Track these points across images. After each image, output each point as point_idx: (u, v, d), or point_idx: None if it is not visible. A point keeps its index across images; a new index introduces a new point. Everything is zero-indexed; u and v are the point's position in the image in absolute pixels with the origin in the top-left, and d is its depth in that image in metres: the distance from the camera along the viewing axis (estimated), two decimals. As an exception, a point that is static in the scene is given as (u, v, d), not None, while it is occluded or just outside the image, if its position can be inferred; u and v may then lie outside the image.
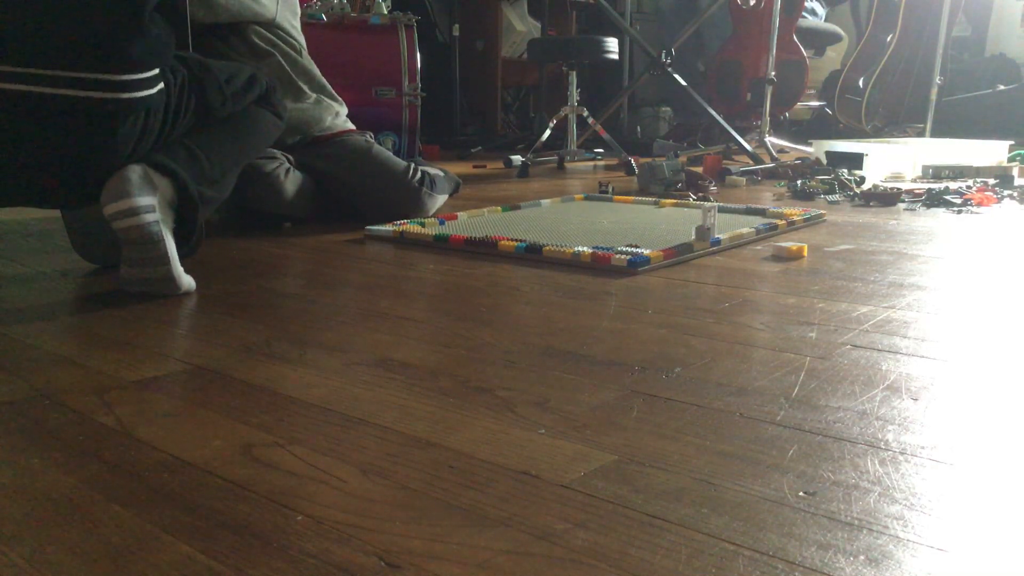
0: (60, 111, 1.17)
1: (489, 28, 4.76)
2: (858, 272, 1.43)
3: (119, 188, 1.20)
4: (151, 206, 1.22)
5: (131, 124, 1.23)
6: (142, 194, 1.21)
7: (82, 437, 0.75)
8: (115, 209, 1.20)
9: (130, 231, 1.21)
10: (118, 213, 1.20)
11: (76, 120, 1.18)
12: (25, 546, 0.57)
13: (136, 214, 1.20)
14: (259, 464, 0.69)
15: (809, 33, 4.83)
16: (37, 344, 1.04)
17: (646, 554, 0.55)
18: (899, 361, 0.95)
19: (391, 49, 2.95)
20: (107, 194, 1.21)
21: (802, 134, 4.57)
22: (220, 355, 0.99)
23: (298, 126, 1.99)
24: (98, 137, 1.21)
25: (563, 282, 1.37)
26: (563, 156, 3.57)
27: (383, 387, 0.88)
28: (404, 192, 1.97)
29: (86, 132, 1.20)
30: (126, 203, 1.20)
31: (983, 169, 2.90)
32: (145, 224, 1.21)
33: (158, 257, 1.23)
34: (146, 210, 1.21)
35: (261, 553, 0.56)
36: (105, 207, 1.21)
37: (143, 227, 1.21)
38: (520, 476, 0.67)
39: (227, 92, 1.41)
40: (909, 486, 0.64)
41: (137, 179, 1.22)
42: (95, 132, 1.20)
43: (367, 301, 1.25)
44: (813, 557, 0.54)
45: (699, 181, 2.57)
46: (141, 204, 1.21)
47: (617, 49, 3.47)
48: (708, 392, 0.85)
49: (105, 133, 1.21)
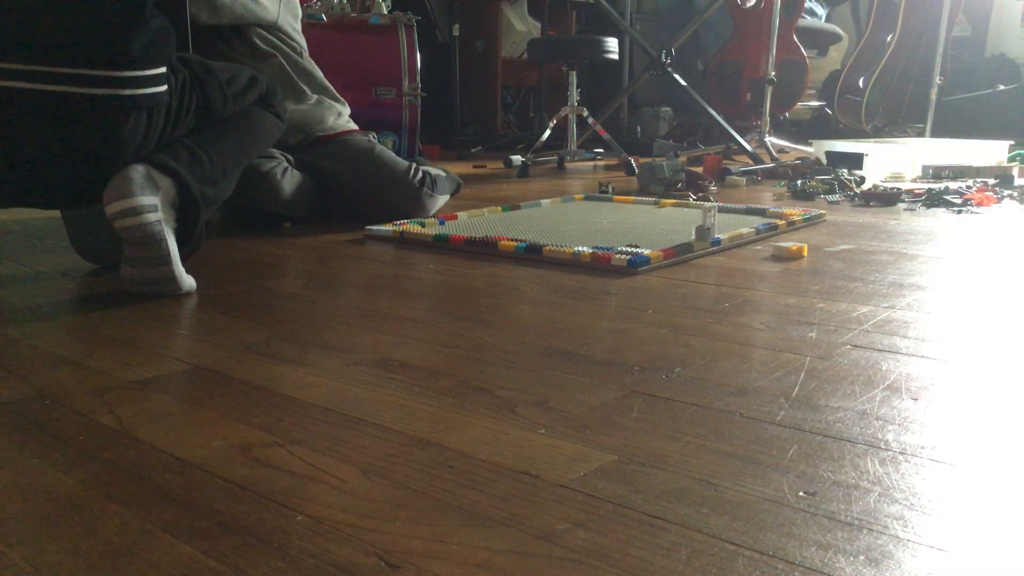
0: (63, 109, 1.17)
1: (489, 28, 4.76)
2: (858, 272, 1.43)
3: (121, 187, 1.20)
4: (153, 205, 1.22)
5: (134, 122, 1.23)
6: (144, 193, 1.21)
7: (82, 437, 0.75)
8: (117, 208, 1.20)
9: (132, 230, 1.21)
10: (120, 212, 1.20)
11: (79, 118, 1.18)
12: (25, 546, 0.57)
13: (138, 213, 1.20)
14: (259, 464, 0.69)
15: (809, 33, 4.84)
16: (37, 344, 1.04)
17: (646, 554, 0.55)
18: (899, 361, 0.95)
19: (391, 49, 2.95)
20: (109, 193, 1.21)
21: (802, 134, 4.57)
22: (220, 355, 0.99)
23: (300, 126, 1.99)
24: (102, 135, 1.21)
25: (563, 282, 1.37)
26: (563, 156, 3.57)
27: (383, 387, 0.88)
28: (405, 192, 1.97)
29: (89, 130, 1.19)
30: (128, 202, 1.20)
31: (983, 169, 2.90)
32: (147, 224, 1.21)
33: (160, 257, 1.23)
34: (148, 209, 1.21)
35: (261, 553, 0.56)
36: (107, 206, 1.21)
37: (145, 227, 1.21)
38: (520, 476, 0.67)
39: (228, 93, 1.41)
40: (909, 486, 0.64)
41: (139, 178, 1.22)
42: (98, 130, 1.20)
43: (367, 301, 1.25)
44: (813, 557, 0.55)
45: (699, 181, 2.57)
46: (143, 204, 1.21)
47: (617, 49, 3.47)
48: (708, 392, 0.85)
49: (108, 131, 1.20)
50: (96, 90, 1.18)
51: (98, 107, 1.19)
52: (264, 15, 1.98)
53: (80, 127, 1.19)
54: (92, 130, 1.20)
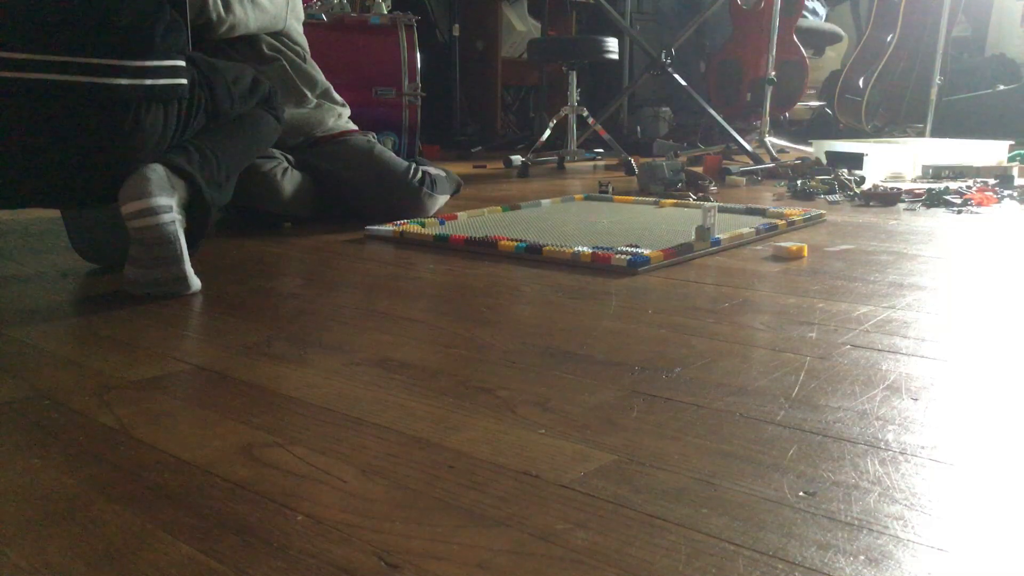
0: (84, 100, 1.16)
1: (489, 28, 4.76)
2: (858, 272, 1.43)
3: (139, 187, 1.20)
4: (169, 206, 1.22)
5: (155, 116, 1.23)
6: (162, 194, 1.21)
7: (82, 437, 0.75)
8: (134, 208, 1.19)
9: (147, 231, 1.20)
10: (137, 212, 1.20)
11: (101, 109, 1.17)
12: (25, 546, 0.57)
13: (155, 214, 1.20)
14: (259, 464, 0.69)
15: (809, 33, 4.84)
16: (37, 344, 1.04)
17: (646, 554, 0.55)
18: (899, 361, 0.95)
19: (391, 49, 2.95)
20: (126, 193, 1.20)
21: (802, 134, 4.57)
22: (220, 355, 0.99)
23: (300, 128, 1.99)
24: (125, 129, 1.20)
25: (563, 282, 1.37)
26: (563, 156, 3.58)
27: (383, 387, 0.88)
28: (404, 192, 1.97)
29: (113, 123, 1.19)
30: (145, 203, 1.19)
31: (983, 169, 2.90)
32: (163, 224, 1.21)
33: (172, 257, 1.23)
34: (164, 210, 1.21)
35: (261, 553, 0.56)
36: (123, 205, 1.20)
37: (161, 227, 1.21)
38: (520, 476, 0.67)
39: (235, 93, 1.41)
40: (909, 486, 0.64)
41: (157, 179, 1.21)
42: (121, 123, 1.19)
43: (367, 301, 1.25)
44: (813, 557, 0.54)
45: (699, 181, 2.57)
46: (160, 204, 1.21)
47: (617, 49, 3.48)
48: (708, 392, 0.85)
49: (132, 124, 1.20)
50: (121, 80, 1.17)
51: (122, 98, 1.18)
52: (275, 23, 1.98)
53: (104, 119, 1.18)
54: (115, 123, 1.19)
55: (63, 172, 1.21)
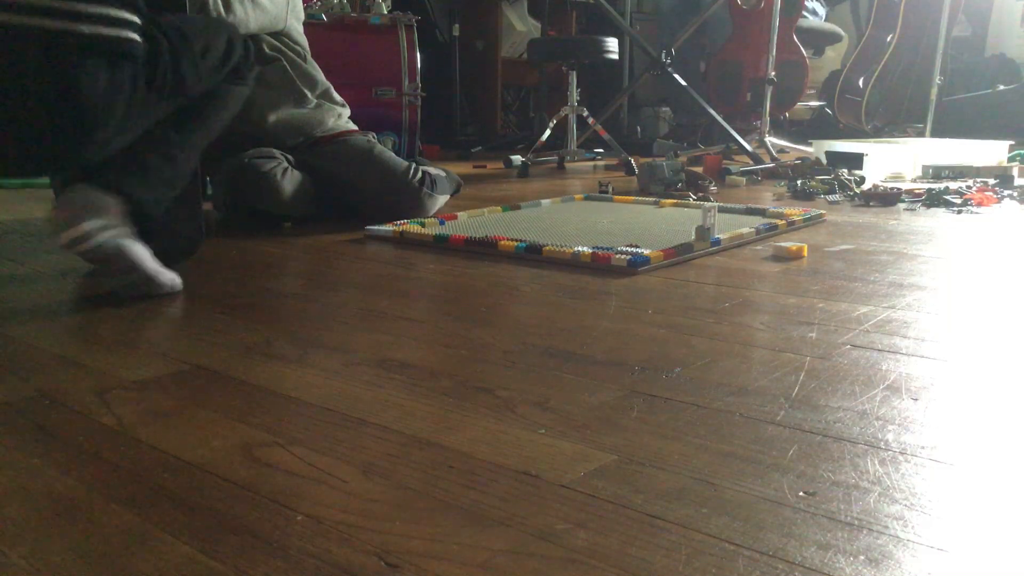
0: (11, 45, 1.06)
1: (489, 28, 4.76)
2: (858, 272, 1.43)
3: (68, 214, 1.17)
4: (103, 226, 1.19)
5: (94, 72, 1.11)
6: (90, 218, 1.17)
7: (82, 437, 0.75)
8: (69, 237, 1.17)
9: (88, 254, 1.19)
10: (71, 242, 1.17)
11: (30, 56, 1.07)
12: (25, 546, 0.57)
13: (88, 239, 1.17)
14: (259, 464, 0.69)
15: (809, 33, 4.83)
16: (37, 344, 1.04)
17: (646, 554, 0.55)
18: (899, 361, 0.95)
19: (391, 49, 2.95)
20: (57, 223, 1.17)
21: (802, 134, 4.57)
22: (220, 355, 0.99)
23: (300, 128, 1.99)
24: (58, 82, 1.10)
25: (563, 282, 1.37)
26: (563, 156, 3.57)
27: (383, 387, 0.88)
28: (404, 192, 1.97)
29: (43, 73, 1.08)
30: (76, 230, 1.17)
31: (983, 169, 2.90)
32: (101, 245, 1.18)
33: (128, 267, 1.22)
34: (97, 232, 1.18)
35: (261, 553, 0.56)
36: (59, 237, 1.17)
37: (100, 247, 1.19)
38: (520, 476, 0.67)
39: (202, 68, 1.31)
40: (909, 486, 0.64)
41: (83, 201, 1.18)
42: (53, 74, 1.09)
43: (367, 301, 1.25)
44: (813, 557, 0.54)
45: (699, 181, 2.57)
46: (90, 229, 1.17)
47: (617, 49, 3.47)
48: (708, 392, 0.85)
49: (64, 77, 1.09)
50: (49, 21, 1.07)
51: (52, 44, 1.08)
52: (276, 24, 1.98)
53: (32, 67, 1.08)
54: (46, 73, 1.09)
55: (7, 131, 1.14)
